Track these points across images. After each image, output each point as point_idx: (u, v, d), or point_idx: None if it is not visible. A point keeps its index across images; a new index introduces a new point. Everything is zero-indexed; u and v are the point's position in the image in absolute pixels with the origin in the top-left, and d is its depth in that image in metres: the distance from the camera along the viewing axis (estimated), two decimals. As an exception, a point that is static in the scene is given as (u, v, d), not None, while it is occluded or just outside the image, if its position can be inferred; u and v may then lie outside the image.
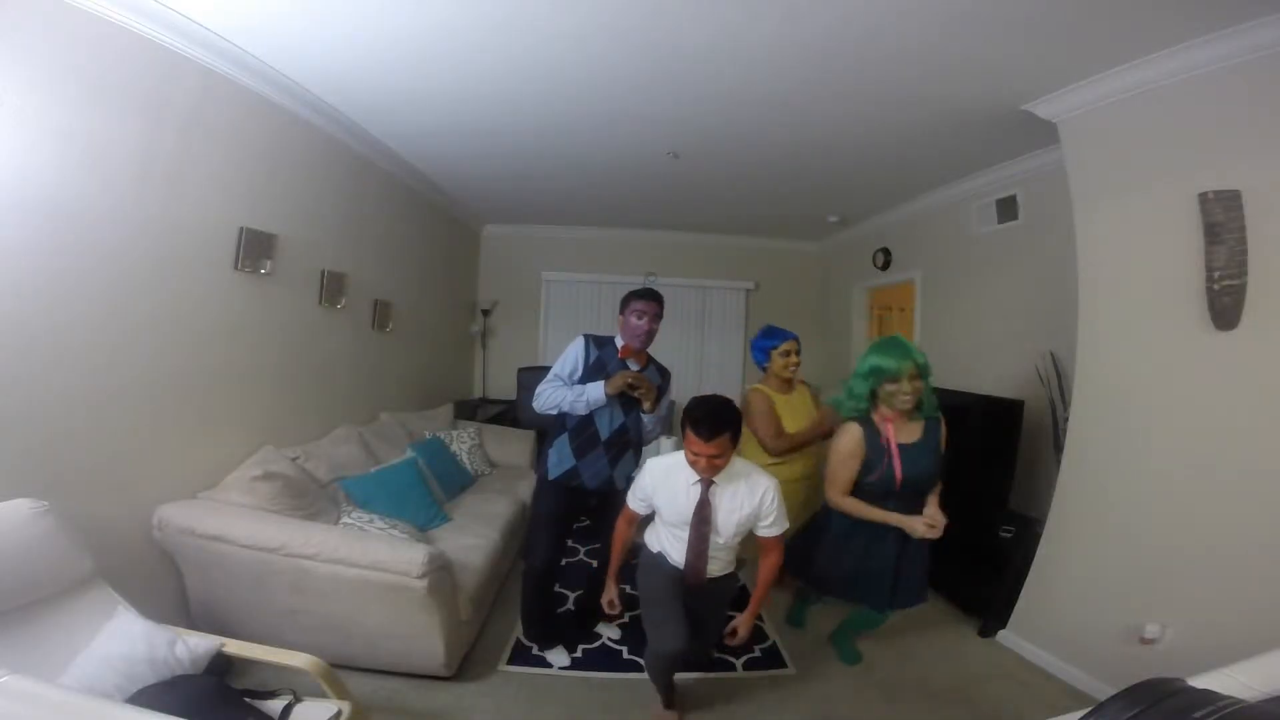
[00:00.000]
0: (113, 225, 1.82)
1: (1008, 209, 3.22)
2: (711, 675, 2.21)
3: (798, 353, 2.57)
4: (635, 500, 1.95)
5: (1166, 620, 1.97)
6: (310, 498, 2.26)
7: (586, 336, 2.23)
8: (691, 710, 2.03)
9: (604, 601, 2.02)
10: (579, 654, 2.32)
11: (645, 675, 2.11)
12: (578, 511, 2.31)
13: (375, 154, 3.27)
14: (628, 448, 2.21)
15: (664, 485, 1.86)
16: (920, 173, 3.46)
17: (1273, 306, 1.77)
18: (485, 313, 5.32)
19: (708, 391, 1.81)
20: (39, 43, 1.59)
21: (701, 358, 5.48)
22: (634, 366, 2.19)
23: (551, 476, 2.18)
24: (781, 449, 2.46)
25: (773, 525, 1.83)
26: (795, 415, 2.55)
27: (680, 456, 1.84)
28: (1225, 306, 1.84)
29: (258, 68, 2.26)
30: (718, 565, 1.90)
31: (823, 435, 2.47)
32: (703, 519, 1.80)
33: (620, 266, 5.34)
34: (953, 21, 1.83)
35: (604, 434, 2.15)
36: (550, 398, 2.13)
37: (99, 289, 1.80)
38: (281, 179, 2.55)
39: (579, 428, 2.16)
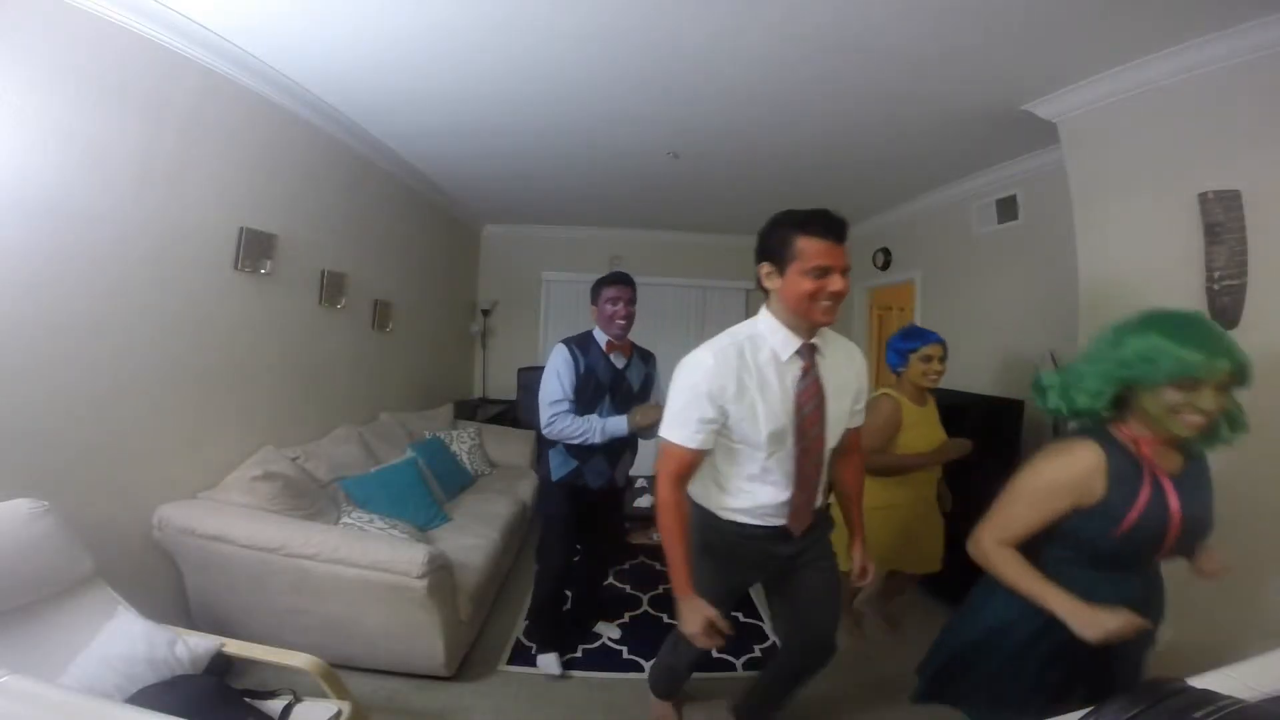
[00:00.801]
0: (113, 225, 1.82)
1: (1008, 209, 3.21)
2: (712, 675, 2.21)
3: (942, 359, 2.12)
4: (692, 430, 1.19)
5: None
6: (310, 498, 2.26)
7: (566, 343, 2.13)
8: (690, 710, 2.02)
9: (695, 630, 1.23)
10: (579, 654, 2.33)
11: (645, 675, 2.10)
12: (582, 510, 2.31)
13: (375, 154, 3.27)
14: (625, 449, 2.22)
15: (746, 376, 1.17)
16: (920, 173, 3.46)
17: (1273, 306, 1.76)
18: (485, 313, 5.32)
19: None
20: (39, 43, 1.59)
21: (701, 358, 5.48)
22: (619, 359, 2.18)
23: (555, 478, 2.18)
24: (875, 466, 1.97)
25: (863, 410, 1.39)
26: (927, 430, 2.15)
27: (750, 327, 1.22)
28: (1225, 306, 1.83)
29: (258, 68, 2.26)
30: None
31: (925, 464, 2.11)
32: (816, 410, 1.17)
33: (620, 266, 5.34)
34: (952, 21, 1.83)
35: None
36: (566, 430, 2.03)
37: (99, 289, 1.80)
38: (281, 179, 2.55)
39: None
